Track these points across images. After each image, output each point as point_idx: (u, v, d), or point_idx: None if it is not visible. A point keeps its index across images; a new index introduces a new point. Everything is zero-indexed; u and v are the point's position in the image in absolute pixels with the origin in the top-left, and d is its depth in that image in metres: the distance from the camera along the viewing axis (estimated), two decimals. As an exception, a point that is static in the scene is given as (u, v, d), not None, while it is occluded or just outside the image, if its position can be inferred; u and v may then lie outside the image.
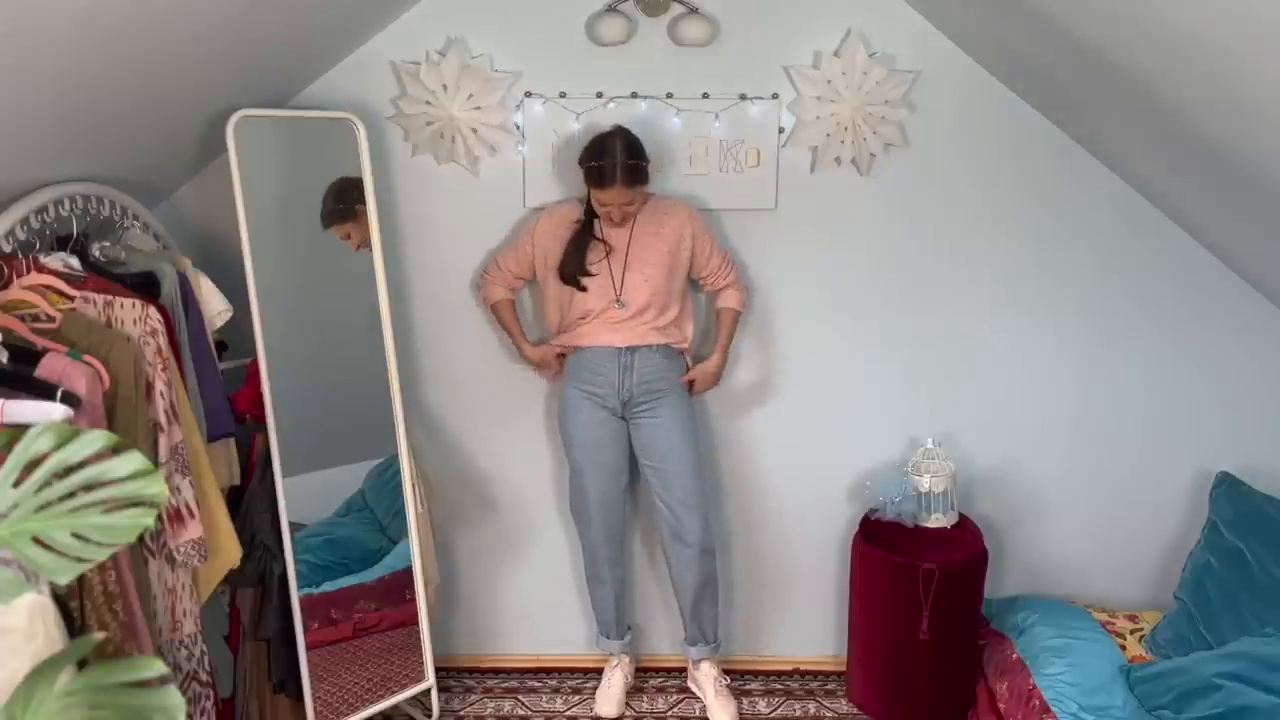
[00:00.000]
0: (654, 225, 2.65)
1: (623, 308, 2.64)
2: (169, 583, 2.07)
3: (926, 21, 2.68)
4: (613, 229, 2.63)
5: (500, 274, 2.75)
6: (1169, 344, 2.85)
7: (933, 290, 2.85)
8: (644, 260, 2.63)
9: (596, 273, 2.63)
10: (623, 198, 2.52)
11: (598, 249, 2.64)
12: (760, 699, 2.97)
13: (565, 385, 2.74)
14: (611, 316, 2.65)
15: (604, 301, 2.64)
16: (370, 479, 2.74)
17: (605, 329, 2.66)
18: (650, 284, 2.63)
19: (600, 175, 2.51)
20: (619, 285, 2.63)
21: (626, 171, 2.50)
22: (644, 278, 2.63)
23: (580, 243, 2.63)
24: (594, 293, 2.64)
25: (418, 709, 2.83)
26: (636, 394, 2.68)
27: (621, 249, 2.64)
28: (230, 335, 2.54)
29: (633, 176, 2.52)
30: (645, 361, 2.67)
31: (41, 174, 2.07)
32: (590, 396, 2.70)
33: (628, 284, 2.63)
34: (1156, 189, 2.68)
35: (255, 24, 2.16)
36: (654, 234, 2.64)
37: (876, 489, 2.85)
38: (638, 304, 2.64)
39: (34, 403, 1.65)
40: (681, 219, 2.66)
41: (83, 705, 1.14)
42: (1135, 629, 2.68)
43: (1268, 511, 2.59)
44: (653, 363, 2.68)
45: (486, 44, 2.69)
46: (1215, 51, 1.68)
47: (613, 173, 2.49)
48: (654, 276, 2.63)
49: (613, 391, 2.68)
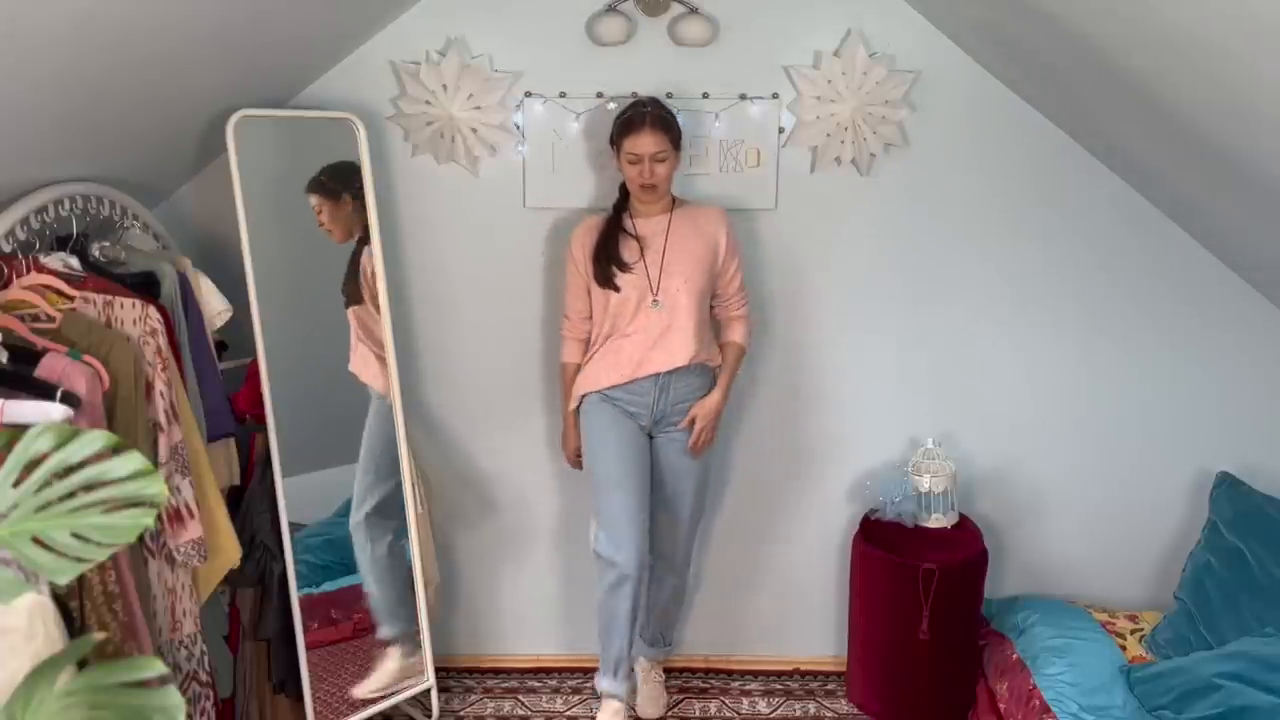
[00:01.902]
0: (691, 223, 2.56)
1: (659, 309, 2.51)
2: (169, 583, 2.07)
3: (926, 21, 2.68)
4: (647, 221, 2.54)
5: (571, 322, 2.64)
6: (1169, 344, 2.85)
7: (933, 290, 2.85)
8: (681, 260, 2.52)
9: (632, 269, 2.52)
10: (655, 145, 2.43)
11: (630, 245, 2.54)
12: (760, 699, 2.97)
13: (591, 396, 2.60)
14: (647, 323, 2.52)
15: (640, 302, 2.52)
16: (370, 479, 2.74)
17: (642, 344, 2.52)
18: (690, 285, 2.51)
19: (630, 123, 2.45)
20: (655, 285, 2.51)
21: (658, 120, 2.45)
22: (683, 278, 2.51)
23: (610, 237, 2.54)
24: (629, 293, 2.52)
25: (418, 709, 2.83)
26: (669, 413, 2.58)
27: (658, 247, 2.53)
28: (230, 335, 2.54)
29: (664, 125, 2.46)
30: (681, 382, 2.56)
31: (41, 174, 2.07)
32: (620, 408, 2.58)
33: (664, 286, 2.51)
34: (1156, 189, 2.68)
35: (255, 24, 2.16)
36: (692, 231, 2.55)
37: (876, 489, 2.85)
38: (673, 305, 2.51)
39: (34, 403, 1.65)
40: (717, 220, 2.58)
41: (83, 705, 1.14)
42: (1135, 629, 2.68)
43: (1268, 511, 2.59)
44: (688, 383, 2.57)
45: (486, 44, 2.69)
46: (1214, 51, 1.68)
47: (642, 119, 2.44)
48: (694, 277, 2.51)
49: (646, 411, 2.57)
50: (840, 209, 2.81)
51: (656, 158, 2.45)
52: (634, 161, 2.46)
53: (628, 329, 2.54)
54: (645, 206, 2.55)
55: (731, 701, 2.95)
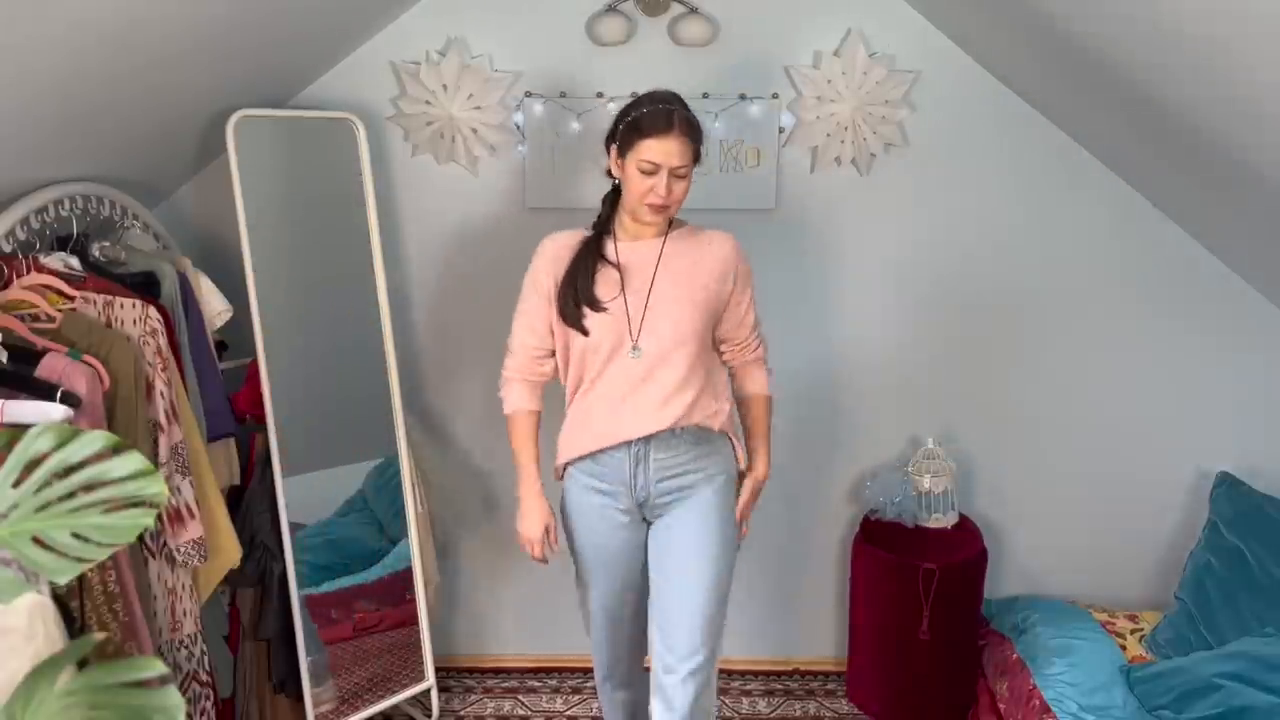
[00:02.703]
0: (690, 254, 2.04)
1: (638, 357, 1.99)
2: (169, 583, 2.07)
3: (926, 21, 2.68)
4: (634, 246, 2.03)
5: (518, 358, 2.11)
6: (1169, 344, 2.85)
7: (933, 290, 2.85)
8: (672, 298, 2.00)
9: (608, 308, 1.99)
10: (681, 155, 1.91)
11: (609, 278, 2.01)
12: (760, 699, 2.97)
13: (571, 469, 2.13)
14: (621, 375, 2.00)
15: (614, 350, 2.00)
16: (370, 479, 2.74)
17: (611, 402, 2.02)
18: (678, 330, 1.99)
19: (652, 122, 1.90)
20: (636, 329, 1.99)
21: (687, 124, 1.93)
22: (671, 321, 1.99)
23: (585, 263, 2.01)
24: (600, 337, 1.99)
25: (418, 709, 2.83)
26: (654, 492, 2.05)
27: (644, 280, 2.01)
28: (230, 335, 2.54)
29: (694, 132, 1.94)
30: (666, 451, 2.02)
31: (41, 174, 2.07)
32: (599, 493, 2.08)
33: (648, 327, 1.98)
34: (1156, 188, 2.68)
35: (255, 24, 2.16)
36: (690, 265, 2.03)
37: (876, 489, 2.85)
38: (658, 354, 1.99)
39: (34, 403, 1.65)
40: (728, 252, 2.07)
41: (83, 705, 1.14)
42: (1135, 629, 2.69)
43: (1268, 511, 2.59)
44: (675, 454, 2.03)
45: (486, 44, 2.69)
46: (1215, 50, 1.68)
47: (669, 119, 1.90)
48: (684, 321, 1.99)
49: (624, 490, 2.06)
50: (840, 209, 2.81)
51: (678, 172, 1.92)
52: (648, 172, 1.91)
53: (596, 383, 2.03)
54: (638, 228, 2.04)
55: (731, 701, 2.95)
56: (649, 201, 1.94)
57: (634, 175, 1.93)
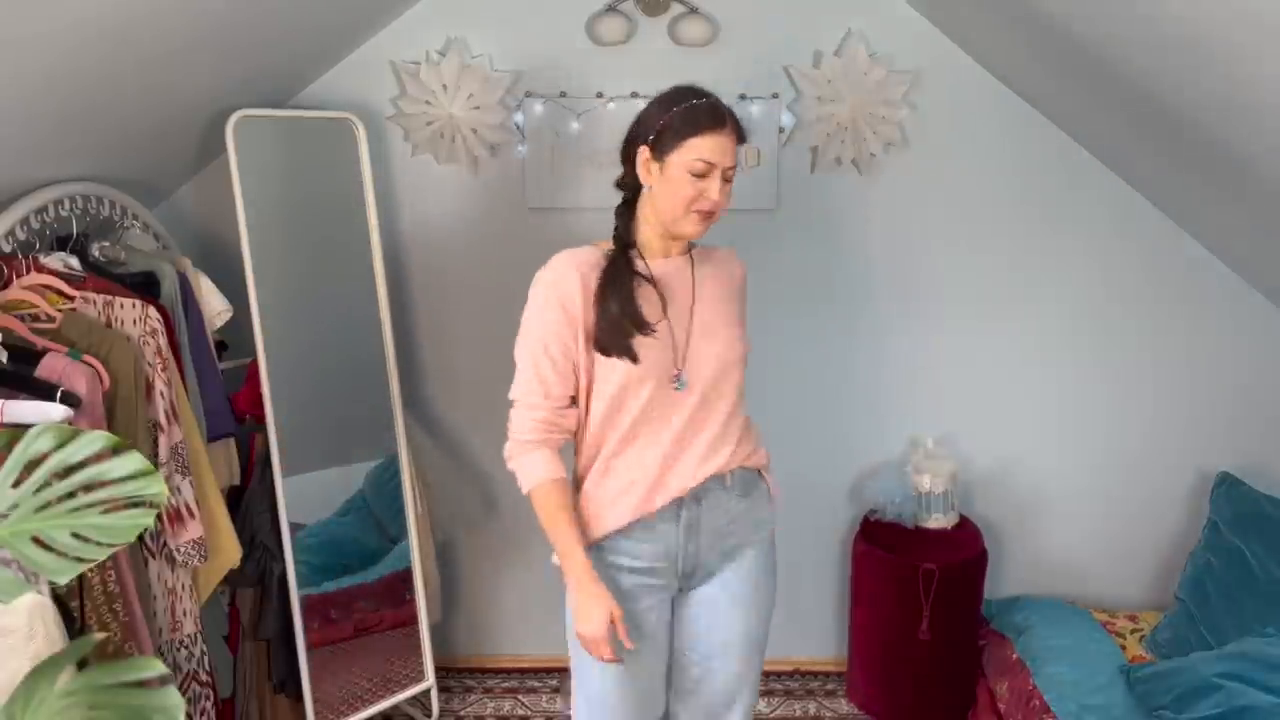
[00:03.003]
0: (718, 272, 1.82)
1: (682, 389, 1.70)
2: (169, 583, 2.07)
3: (927, 21, 2.68)
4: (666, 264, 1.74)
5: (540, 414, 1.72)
6: (1169, 344, 2.85)
7: (933, 290, 2.85)
8: (717, 319, 1.76)
9: (655, 333, 1.68)
10: (733, 155, 1.67)
11: (649, 296, 1.70)
12: (760, 699, 2.96)
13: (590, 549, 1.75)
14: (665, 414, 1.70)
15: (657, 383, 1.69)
16: (370, 479, 2.74)
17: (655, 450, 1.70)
18: (726, 355, 1.74)
19: (710, 116, 1.65)
20: (682, 355, 1.71)
21: (736, 119, 1.70)
22: (721, 344, 1.74)
23: (622, 280, 1.68)
24: (648, 364, 1.68)
25: (418, 709, 2.83)
26: (703, 561, 1.76)
27: (685, 300, 1.74)
28: (230, 335, 2.54)
29: (742, 130, 1.71)
30: (717, 506, 1.74)
31: (41, 174, 2.07)
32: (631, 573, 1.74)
33: (693, 353, 1.71)
34: (1156, 188, 2.68)
35: (255, 24, 2.16)
36: (722, 283, 1.81)
37: (876, 489, 2.85)
38: (708, 385, 1.72)
39: (34, 403, 1.65)
40: (737, 263, 1.90)
41: (83, 705, 1.14)
42: (1135, 629, 2.69)
43: (1268, 511, 2.59)
44: (728, 505, 1.76)
45: (486, 44, 2.69)
46: (1215, 49, 1.68)
47: (721, 115, 1.66)
48: (732, 344, 1.76)
49: (668, 564, 1.75)
50: (840, 209, 2.81)
51: (729, 174, 1.67)
52: (700, 174, 1.64)
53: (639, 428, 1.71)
54: (666, 243, 1.76)
55: (731, 701, 2.95)
56: (699, 208, 1.66)
57: (680, 178, 1.64)
